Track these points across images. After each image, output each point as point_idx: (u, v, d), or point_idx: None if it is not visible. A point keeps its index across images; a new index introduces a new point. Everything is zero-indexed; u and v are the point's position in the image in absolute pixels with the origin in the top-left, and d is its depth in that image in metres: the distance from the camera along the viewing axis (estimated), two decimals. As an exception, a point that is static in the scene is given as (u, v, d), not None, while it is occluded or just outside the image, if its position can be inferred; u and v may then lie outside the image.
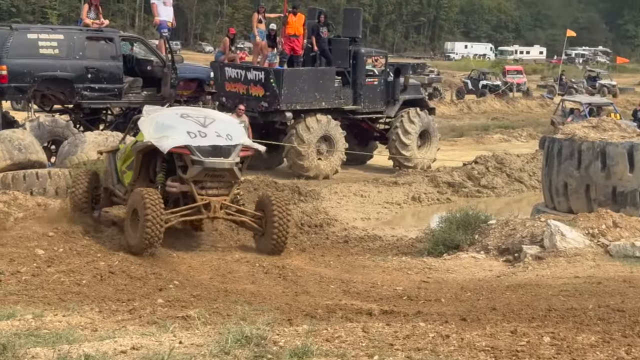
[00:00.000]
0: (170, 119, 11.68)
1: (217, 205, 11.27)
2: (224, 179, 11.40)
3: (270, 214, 11.51)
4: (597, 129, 13.91)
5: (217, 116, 12.38)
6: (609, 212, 12.10)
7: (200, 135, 11.17)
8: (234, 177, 11.40)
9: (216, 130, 11.33)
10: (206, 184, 11.32)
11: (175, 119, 11.59)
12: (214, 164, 11.11)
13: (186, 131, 11.19)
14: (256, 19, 22.55)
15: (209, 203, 11.25)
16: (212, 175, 11.27)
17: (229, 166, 11.20)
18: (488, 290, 9.58)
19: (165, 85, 19.73)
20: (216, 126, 11.45)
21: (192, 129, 11.22)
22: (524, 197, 20.69)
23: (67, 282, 9.21)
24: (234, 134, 11.52)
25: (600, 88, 57.86)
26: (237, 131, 11.79)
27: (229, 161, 11.20)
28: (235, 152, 11.29)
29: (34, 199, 13.09)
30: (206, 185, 11.33)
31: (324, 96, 22.08)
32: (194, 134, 11.16)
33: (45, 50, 18.14)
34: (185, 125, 11.34)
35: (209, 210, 11.28)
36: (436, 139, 24.57)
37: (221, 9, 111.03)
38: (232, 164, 11.22)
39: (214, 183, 11.37)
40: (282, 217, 11.45)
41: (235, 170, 11.28)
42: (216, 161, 11.12)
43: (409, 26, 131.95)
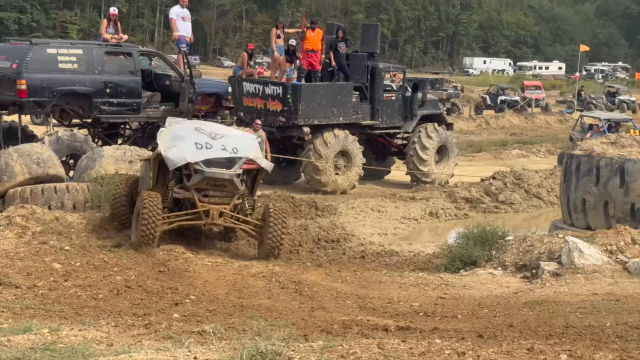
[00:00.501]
0: (185, 131, 12.52)
1: (216, 213, 12.03)
2: (225, 188, 12.16)
3: (267, 222, 12.27)
4: (616, 145, 13.86)
5: (231, 132, 13.17)
6: (627, 229, 12.04)
7: (206, 147, 12.00)
8: (235, 188, 12.13)
9: (223, 144, 12.13)
10: (208, 192, 12.13)
11: (189, 132, 12.43)
12: (214, 174, 11.91)
13: (194, 142, 12.04)
14: (275, 34, 22.58)
15: (208, 210, 12.01)
16: (213, 185, 12.08)
17: (229, 177, 11.97)
18: (505, 306, 9.53)
19: (184, 100, 19.76)
20: (224, 140, 12.26)
21: (200, 141, 12.08)
22: (542, 213, 20.60)
23: (83, 297, 9.24)
24: (241, 147, 12.29)
25: (620, 104, 57.58)
26: (246, 145, 12.54)
27: (229, 172, 11.95)
28: (238, 165, 12.06)
29: (52, 213, 13.11)
30: (208, 194, 12.14)
31: (341, 111, 22.07)
32: (200, 145, 12.00)
33: (64, 65, 18.21)
34: (195, 137, 12.17)
35: (208, 217, 12.04)
36: (454, 155, 24.51)
37: (240, 24, 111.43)
38: (232, 175, 11.97)
39: (216, 192, 12.15)
40: (277, 225, 12.16)
41: (235, 181, 12.01)
42: (216, 171, 11.91)
43: (427, 41, 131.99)
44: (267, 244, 12.24)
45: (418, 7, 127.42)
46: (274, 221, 12.19)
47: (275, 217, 12.25)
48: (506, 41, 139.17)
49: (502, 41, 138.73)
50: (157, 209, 11.66)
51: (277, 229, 12.20)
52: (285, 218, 12.58)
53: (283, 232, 12.34)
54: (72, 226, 12.61)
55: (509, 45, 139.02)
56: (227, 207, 12.18)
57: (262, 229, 12.39)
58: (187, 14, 21.25)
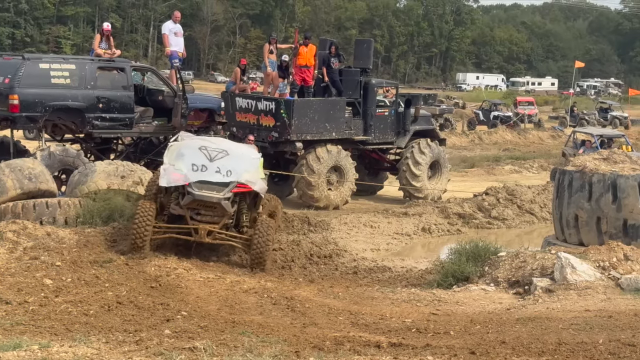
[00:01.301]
0: (188, 149, 13.27)
1: (204, 232, 12.63)
2: (215, 210, 12.73)
3: (253, 235, 12.77)
4: (608, 161, 13.87)
5: (234, 151, 13.63)
6: (620, 245, 12.03)
7: (201, 170, 12.73)
8: (223, 210, 12.71)
9: (218, 166, 12.84)
10: (200, 212, 12.76)
11: (191, 150, 13.18)
12: (203, 197, 12.56)
13: (191, 163, 12.81)
14: (267, 49, 22.61)
15: (197, 228, 12.62)
16: (204, 206, 12.69)
17: (217, 201, 12.58)
18: (497, 323, 9.51)
19: (176, 115, 19.72)
20: (222, 162, 12.96)
21: (197, 162, 12.83)
22: (535, 229, 20.61)
23: (74, 313, 9.19)
24: (236, 170, 12.93)
25: (612, 120, 57.76)
26: (243, 168, 13.14)
27: (217, 196, 12.57)
28: (228, 189, 12.68)
29: (43, 229, 13.06)
30: (200, 212, 12.76)
31: (334, 126, 22.08)
32: (196, 167, 12.76)
33: (56, 80, 18.16)
34: (195, 157, 12.93)
35: (197, 234, 12.64)
36: (447, 170, 24.53)
37: (233, 39, 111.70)
38: (220, 199, 12.59)
39: (207, 212, 12.75)
40: (261, 237, 12.58)
41: (223, 204, 12.63)
42: (205, 194, 12.55)
43: (420, 57, 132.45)
44: (252, 255, 12.70)
45: (411, 23, 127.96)
46: (258, 233, 12.63)
47: (260, 229, 12.69)
48: (499, 57, 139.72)
49: (495, 57, 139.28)
50: (149, 217, 12.39)
51: (260, 241, 12.59)
52: (271, 230, 12.93)
53: (267, 243, 12.69)
54: (64, 242, 12.55)
55: (502, 61, 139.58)
56: (216, 227, 12.70)
57: (249, 241, 12.80)
58: (179, 30, 21.27)
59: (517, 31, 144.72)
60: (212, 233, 12.72)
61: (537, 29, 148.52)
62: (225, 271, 12.34)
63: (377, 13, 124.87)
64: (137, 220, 12.37)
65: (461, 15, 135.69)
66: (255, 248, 12.59)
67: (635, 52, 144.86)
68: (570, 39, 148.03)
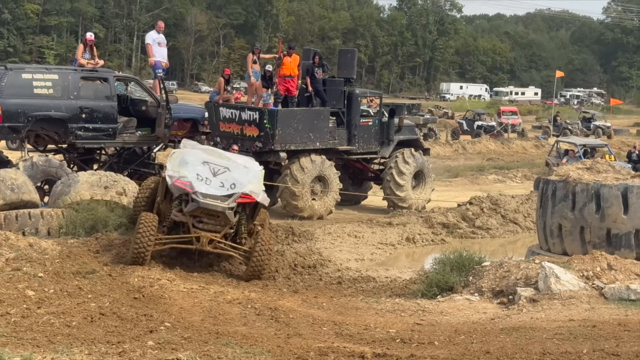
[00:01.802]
0: (192, 158, 13.37)
1: (206, 240, 12.70)
2: (218, 219, 12.79)
3: (254, 248, 12.85)
4: (592, 170, 13.90)
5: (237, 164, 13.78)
6: (603, 255, 12.06)
7: (206, 182, 12.80)
8: (226, 219, 12.79)
9: (222, 181, 12.94)
10: (203, 219, 12.81)
11: (196, 161, 13.25)
12: (207, 205, 12.60)
13: (196, 173, 12.91)
14: (251, 59, 22.58)
15: (199, 236, 12.69)
16: (207, 214, 12.74)
17: (221, 210, 12.65)
18: (482, 333, 9.51)
19: (160, 125, 19.66)
20: (225, 176, 13.06)
21: (202, 174, 12.94)
22: (519, 239, 20.65)
23: (57, 324, 9.12)
24: (240, 182, 13.06)
25: (595, 129, 58.03)
26: (246, 179, 13.27)
27: (222, 205, 12.64)
28: (232, 199, 12.77)
29: (25, 240, 13.00)
30: (203, 220, 12.82)
31: (318, 136, 22.08)
32: (201, 178, 12.85)
33: (39, 90, 18.09)
34: (199, 169, 13.04)
35: (199, 242, 12.70)
36: (431, 180, 24.55)
37: (217, 49, 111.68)
38: (225, 209, 12.66)
39: (210, 220, 12.81)
40: (262, 251, 12.73)
41: (227, 213, 12.70)
42: (210, 203, 12.60)
43: (404, 67, 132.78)
44: (251, 266, 12.80)
45: (395, 33, 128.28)
46: (259, 247, 12.74)
47: (262, 243, 12.79)
48: (482, 67, 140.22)
49: (479, 67, 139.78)
50: (151, 231, 12.39)
51: (262, 253, 12.73)
52: (271, 244, 13.07)
53: (267, 257, 12.85)
54: (47, 253, 12.49)
55: (485, 70, 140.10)
56: (217, 236, 12.80)
57: (249, 253, 12.89)
58: (163, 40, 21.22)
59: (500, 41, 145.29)
60: (214, 242, 12.81)
61: (520, 39, 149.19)
62: (208, 282, 12.30)
63: (360, 23, 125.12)
64: (140, 232, 12.33)
65: (444, 26, 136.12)
66: (256, 260, 12.70)
67: (617, 62, 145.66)
68: (553, 49, 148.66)
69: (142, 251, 12.29)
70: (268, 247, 12.84)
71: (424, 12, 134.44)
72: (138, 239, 12.29)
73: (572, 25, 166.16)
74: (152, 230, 12.43)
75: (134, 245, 12.38)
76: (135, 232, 12.46)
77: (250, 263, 12.83)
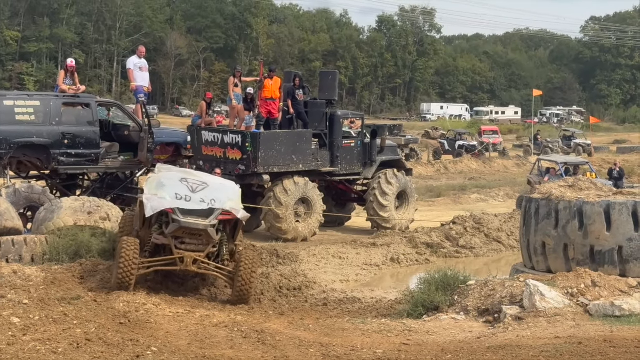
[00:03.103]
0: (169, 180, 13.22)
1: (190, 260, 12.50)
2: (201, 237, 12.65)
3: (237, 269, 12.68)
4: (574, 188, 13.96)
5: (214, 182, 13.77)
6: (587, 272, 12.11)
7: (185, 200, 12.64)
8: (209, 237, 12.62)
9: (202, 197, 12.75)
10: (185, 240, 12.65)
11: (173, 181, 13.14)
12: (189, 224, 12.47)
13: (175, 192, 12.76)
14: (232, 82, 22.63)
15: (183, 257, 12.48)
16: (189, 233, 12.60)
17: (203, 227, 12.50)
18: (468, 352, 9.52)
19: (142, 149, 19.67)
20: (204, 193, 12.88)
21: (180, 192, 12.77)
22: (503, 257, 20.71)
23: (43, 351, 9.08)
24: (220, 198, 12.90)
25: (576, 147, 58.36)
26: (226, 196, 13.14)
27: (203, 223, 12.49)
28: (213, 216, 12.57)
29: (9, 267, 12.94)
30: (185, 241, 12.65)
31: (301, 158, 22.12)
32: (180, 197, 12.68)
33: (21, 116, 18.08)
34: (177, 188, 12.89)
35: (183, 263, 12.50)
36: (414, 200, 24.61)
37: (198, 73, 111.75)
38: (207, 226, 12.50)
39: (192, 240, 12.65)
40: (246, 273, 12.54)
41: (209, 231, 12.53)
42: (191, 222, 12.47)
43: (384, 88, 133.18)
44: (236, 289, 12.63)
45: (375, 54, 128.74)
46: (243, 268, 12.53)
47: (245, 264, 12.58)
48: (462, 87, 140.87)
49: (459, 87, 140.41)
50: (133, 255, 12.18)
51: (245, 276, 12.52)
52: (255, 266, 12.85)
53: (251, 279, 12.62)
54: (31, 279, 12.44)
55: (466, 90, 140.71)
56: (201, 255, 12.62)
57: (232, 274, 12.72)
58: (144, 64, 21.24)
59: (480, 61, 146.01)
60: (198, 262, 12.61)
61: (500, 59, 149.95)
62: (194, 305, 12.27)
63: (340, 45, 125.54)
64: (122, 257, 12.12)
65: (424, 46, 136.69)
66: (240, 282, 12.51)
67: (596, 80, 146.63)
68: (532, 68, 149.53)
69: (126, 276, 12.08)
70: (251, 268, 12.62)
71: (403, 33, 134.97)
72: (121, 263, 12.08)
73: (550, 45, 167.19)
74: (135, 254, 12.22)
75: (117, 270, 12.16)
76: (118, 257, 12.27)
77: (235, 285, 12.64)
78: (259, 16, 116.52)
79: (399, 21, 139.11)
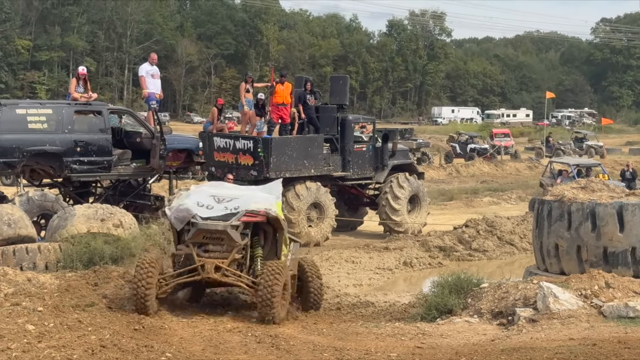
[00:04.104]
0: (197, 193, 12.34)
1: (211, 267, 11.54)
2: (223, 242, 11.72)
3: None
4: (586, 189, 13.94)
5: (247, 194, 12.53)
6: (601, 273, 12.09)
7: (207, 208, 11.82)
8: (231, 240, 11.67)
9: (226, 206, 11.85)
10: (208, 247, 11.79)
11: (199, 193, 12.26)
12: (207, 226, 11.60)
13: (197, 201, 11.91)
14: (244, 88, 22.68)
15: (204, 264, 11.57)
16: (210, 238, 11.73)
17: (222, 228, 11.58)
18: (482, 354, 9.51)
19: (154, 156, 19.72)
20: (230, 203, 11.91)
21: (203, 201, 11.90)
22: (516, 260, 20.68)
23: (57, 358, 9.10)
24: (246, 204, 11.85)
25: (588, 149, 58.25)
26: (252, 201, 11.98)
27: (222, 223, 11.59)
28: (236, 217, 11.67)
29: (24, 274, 12.97)
30: (208, 249, 11.78)
31: (312, 163, 22.15)
32: (202, 204, 11.84)
33: (34, 125, 18.13)
34: (201, 197, 12.04)
35: (204, 271, 11.57)
36: (426, 204, 24.61)
37: (209, 80, 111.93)
38: (227, 226, 11.57)
39: (216, 246, 11.76)
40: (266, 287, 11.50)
41: (230, 232, 11.59)
42: (210, 223, 11.61)
43: (395, 92, 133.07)
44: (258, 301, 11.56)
45: (385, 58, 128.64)
46: (264, 276, 11.37)
47: (267, 271, 11.40)
48: (473, 90, 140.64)
49: (470, 90, 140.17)
50: (148, 272, 11.35)
51: (266, 285, 11.32)
52: (280, 273, 11.42)
53: (274, 288, 11.28)
54: (45, 287, 12.46)
55: (477, 93, 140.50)
56: (224, 262, 11.66)
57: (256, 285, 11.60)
58: (156, 71, 21.29)
59: (491, 64, 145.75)
60: (221, 269, 11.63)
61: (510, 62, 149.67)
62: (208, 311, 12.26)
63: (351, 50, 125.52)
64: (137, 276, 11.37)
65: (434, 50, 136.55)
66: (262, 293, 11.27)
67: (607, 81, 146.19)
68: (543, 70, 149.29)
69: (142, 302, 11.28)
70: (274, 279, 11.27)
71: (413, 37, 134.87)
72: (135, 285, 11.34)
73: (561, 47, 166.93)
74: (151, 271, 11.40)
75: (132, 292, 11.44)
76: (133, 278, 11.58)
77: (257, 298, 11.54)
78: (269, 22, 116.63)
79: (409, 25, 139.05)
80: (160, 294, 11.61)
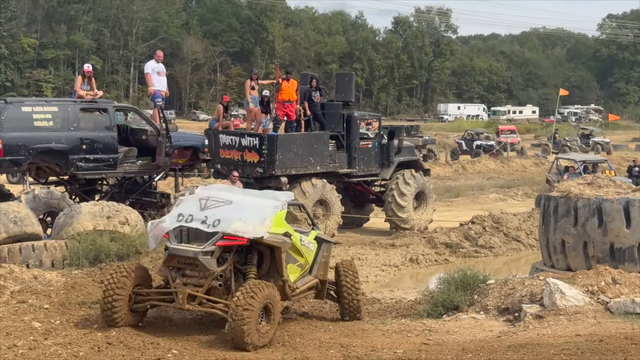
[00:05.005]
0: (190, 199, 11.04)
1: (183, 297, 10.20)
2: (197, 268, 10.35)
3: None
4: (592, 185, 13.93)
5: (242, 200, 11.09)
6: (607, 269, 12.07)
7: (186, 220, 10.47)
8: (204, 268, 10.28)
9: (207, 215, 10.43)
10: (185, 271, 10.48)
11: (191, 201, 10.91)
12: (178, 251, 10.32)
13: (179, 213, 10.60)
14: (249, 85, 22.66)
15: (176, 292, 10.30)
16: (184, 263, 10.43)
17: (193, 255, 10.22)
18: (489, 351, 9.50)
19: (160, 154, 19.70)
20: (213, 211, 10.49)
21: (185, 212, 10.58)
22: (522, 256, 20.66)
23: (64, 355, 9.12)
24: (226, 220, 10.37)
25: (594, 145, 58.15)
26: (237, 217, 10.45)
27: (193, 249, 10.24)
28: (211, 242, 10.24)
29: (30, 272, 13.00)
30: (186, 273, 10.49)
31: (318, 160, 22.13)
32: (182, 217, 10.51)
33: (39, 122, 18.13)
34: (187, 207, 10.71)
35: (177, 300, 10.32)
36: (432, 200, 24.59)
37: (214, 77, 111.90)
38: (197, 253, 10.19)
39: (193, 272, 10.42)
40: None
41: (202, 260, 10.19)
42: (180, 248, 10.32)
43: (401, 89, 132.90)
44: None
45: (391, 55, 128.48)
46: (233, 307, 9.80)
47: (238, 302, 9.79)
48: (479, 87, 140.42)
49: (476, 87, 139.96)
50: (117, 288, 10.29)
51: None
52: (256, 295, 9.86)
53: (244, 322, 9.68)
54: (51, 284, 12.49)
55: (483, 90, 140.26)
56: (199, 290, 10.28)
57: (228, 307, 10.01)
58: (162, 69, 21.27)
59: (497, 60, 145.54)
60: (197, 298, 10.33)
61: (516, 58, 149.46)
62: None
63: (356, 47, 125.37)
64: (105, 285, 10.42)
65: (440, 47, 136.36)
66: (231, 320, 9.75)
67: (614, 78, 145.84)
68: (549, 66, 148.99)
69: (108, 309, 10.27)
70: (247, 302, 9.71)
71: (419, 34, 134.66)
72: (102, 294, 10.43)
73: (567, 43, 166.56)
74: (121, 283, 10.33)
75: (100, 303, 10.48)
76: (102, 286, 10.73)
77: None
78: (274, 19, 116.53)
79: (414, 22, 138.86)
80: (135, 307, 10.56)
